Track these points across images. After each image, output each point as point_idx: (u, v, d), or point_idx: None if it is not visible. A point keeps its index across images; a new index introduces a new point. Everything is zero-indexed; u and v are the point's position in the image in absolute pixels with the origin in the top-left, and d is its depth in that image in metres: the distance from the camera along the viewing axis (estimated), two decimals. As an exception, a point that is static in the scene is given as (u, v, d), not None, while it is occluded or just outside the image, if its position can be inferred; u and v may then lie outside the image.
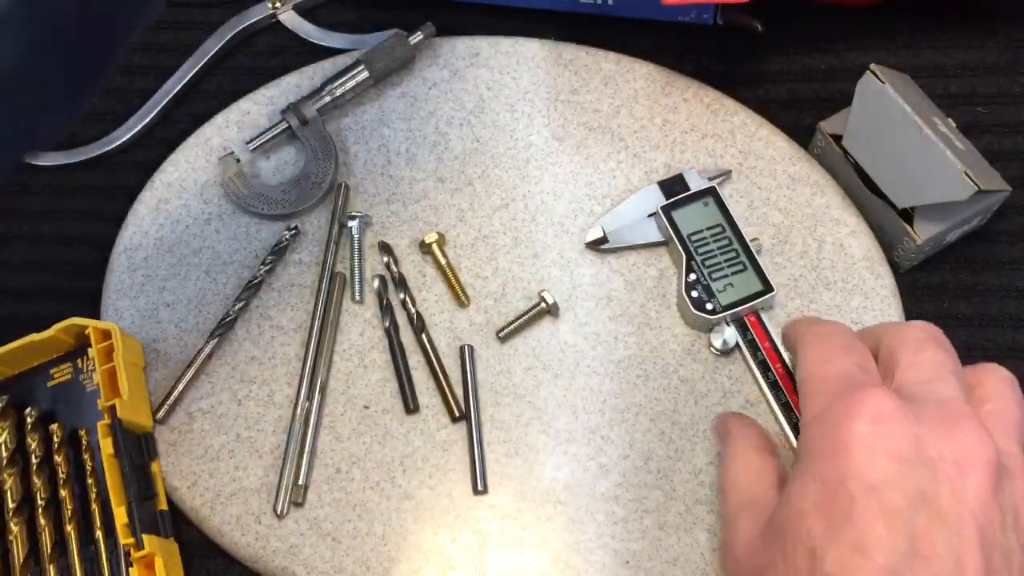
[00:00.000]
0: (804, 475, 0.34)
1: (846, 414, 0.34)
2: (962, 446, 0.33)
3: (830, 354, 0.38)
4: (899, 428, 0.33)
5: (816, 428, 0.35)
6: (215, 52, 0.58)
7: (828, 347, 0.39)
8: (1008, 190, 0.49)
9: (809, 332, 0.40)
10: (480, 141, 0.55)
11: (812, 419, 0.36)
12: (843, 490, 0.32)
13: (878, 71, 0.48)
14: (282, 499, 0.47)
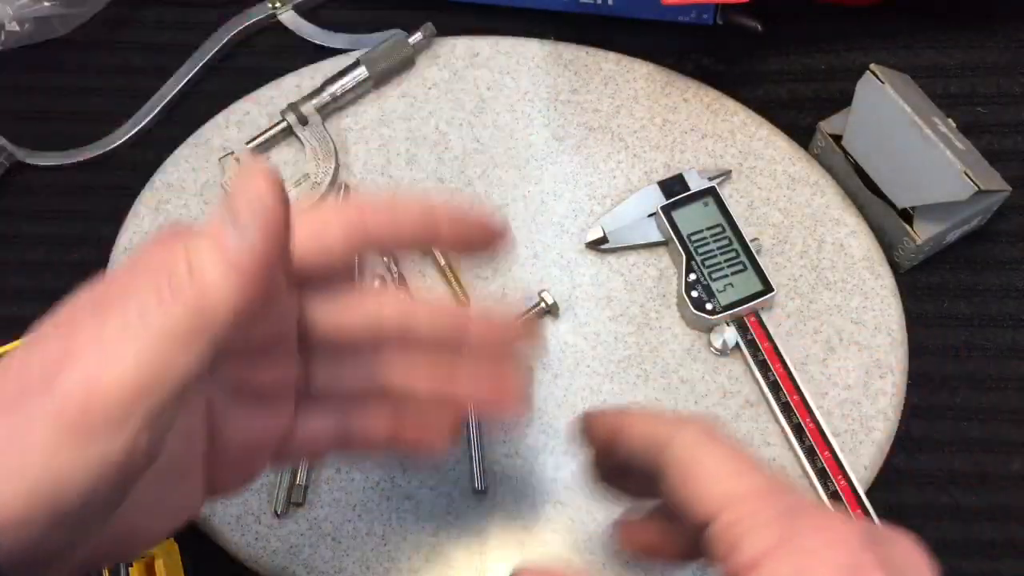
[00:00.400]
0: None
1: (820, 543, 0.28)
2: (918, 561, 0.29)
3: (740, 464, 0.31)
4: (878, 553, 0.28)
5: (782, 565, 0.28)
6: (215, 52, 0.58)
7: (728, 453, 0.31)
8: (1008, 190, 0.49)
9: (686, 434, 0.31)
10: (480, 141, 0.55)
11: (768, 551, 0.28)
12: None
13: (878, 71, 0.48)
14: (282, 499, 0.47)
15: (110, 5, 0.60)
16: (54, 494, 0.24)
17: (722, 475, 0.30)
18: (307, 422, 0.32)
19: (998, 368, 0.50)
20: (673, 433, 0.31)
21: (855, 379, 0.49)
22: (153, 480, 0.26)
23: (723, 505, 0.29)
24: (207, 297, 0.25)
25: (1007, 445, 0.48)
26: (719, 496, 0.30)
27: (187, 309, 0.25)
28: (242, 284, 0.25)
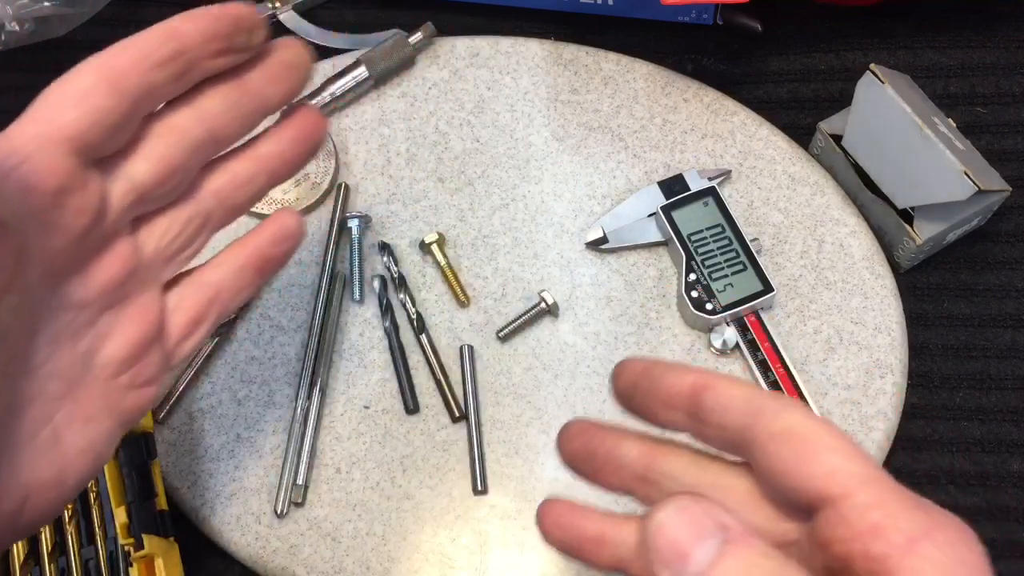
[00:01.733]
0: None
1: (960, 538, 0.28)
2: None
3: (855, 447, 0.28)
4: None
5: (936, 551, 0.27)
6: (215, 52, 0.58)
7: (843, 437, 0.29)
8: (1008, 190, 0.49)
9: (794, 411, 0.29)
10: (480, 141, 0.55)
11: (919, 536, 0.27)
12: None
13: (878, 71, 0.48)
14: (282, 499, 0.47)
15: (110, 5, 0.60)
16: None
17: (846, 454, 0.28)
18: (170, 302, 0.32)
19: (998, 368, 0.50)
20: (776, 405, 0.29)
21: (855, 379, 0.49)
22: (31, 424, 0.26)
23: (853, 486, 0.27)
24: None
25: (1007, 445, 0.48)
26: (847, 475, 0.27)
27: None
28: None
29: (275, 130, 0.35)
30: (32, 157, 0.27)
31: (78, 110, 0.28)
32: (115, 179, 0.29)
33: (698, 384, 0.30)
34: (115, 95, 0.29)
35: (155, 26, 0.30)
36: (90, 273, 0.29)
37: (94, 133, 0.28)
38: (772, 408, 0.29)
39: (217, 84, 0.33)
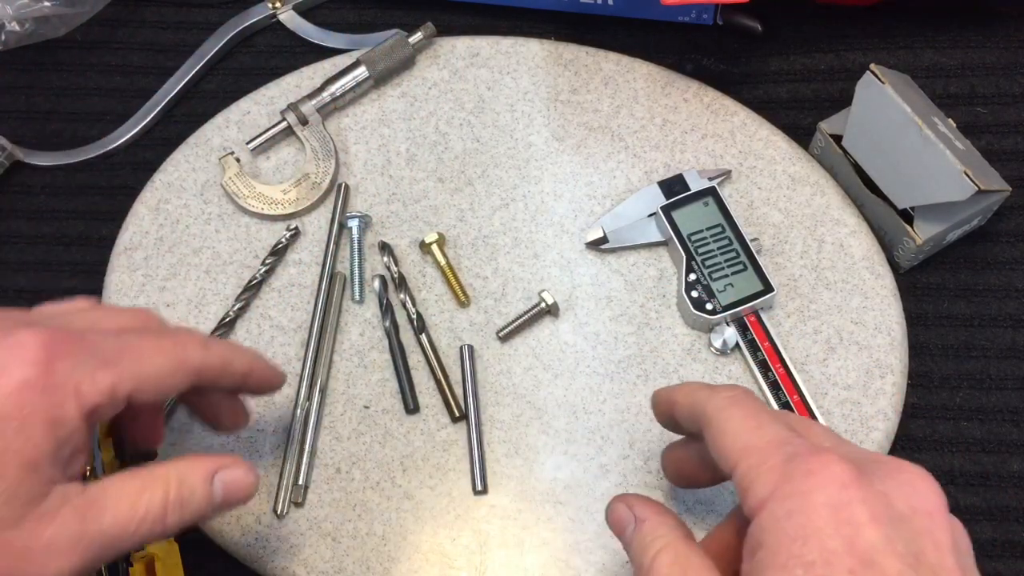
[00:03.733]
0: (781, 560, 0.31)
1: (811, 485, 0.31)
2: (921, 494, 0.32)
3: (757, 419, 0.35)
4: (867, 490, 0.31)
5: (779, 506, 0.31)
6: (215, 52, 0.58)
7: (751, 411, 0.35)
8: (1008, 190, 0.49)
9: (718, 398, 0.36)
10: (480, 141, 0.55)
11: (768, 496, 0.32)
12: (839, 569, 0.30)
13: (878, 71, 0.48)
14: (282, 499, 0.47)
15: (110, 5, 0.60)
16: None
17: (743, 430, 0.34)
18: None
19: (998, 368, 0.50)
20: (708, 398, 0.37)
21: (855, 379, 0.49)
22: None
23: (740, 456, 0.34)
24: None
25: (1007, 445, 0.48)
26: (739, 449, 0.34)
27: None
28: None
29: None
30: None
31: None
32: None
33: (669, 401, 0.40)
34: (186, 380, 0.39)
35: (224, 349, 0.41)
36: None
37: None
38: (703, 401, 0.37)
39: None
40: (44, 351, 0.33)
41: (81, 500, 0.34)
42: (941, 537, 0.31)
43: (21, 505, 0.33)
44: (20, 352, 0.33)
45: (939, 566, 0.31)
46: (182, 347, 0.38)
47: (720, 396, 0.36)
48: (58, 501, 0.33)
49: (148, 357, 0.37)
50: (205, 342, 0.39)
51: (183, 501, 0.36)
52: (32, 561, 0.33)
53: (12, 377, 0.33)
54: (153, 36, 0.60)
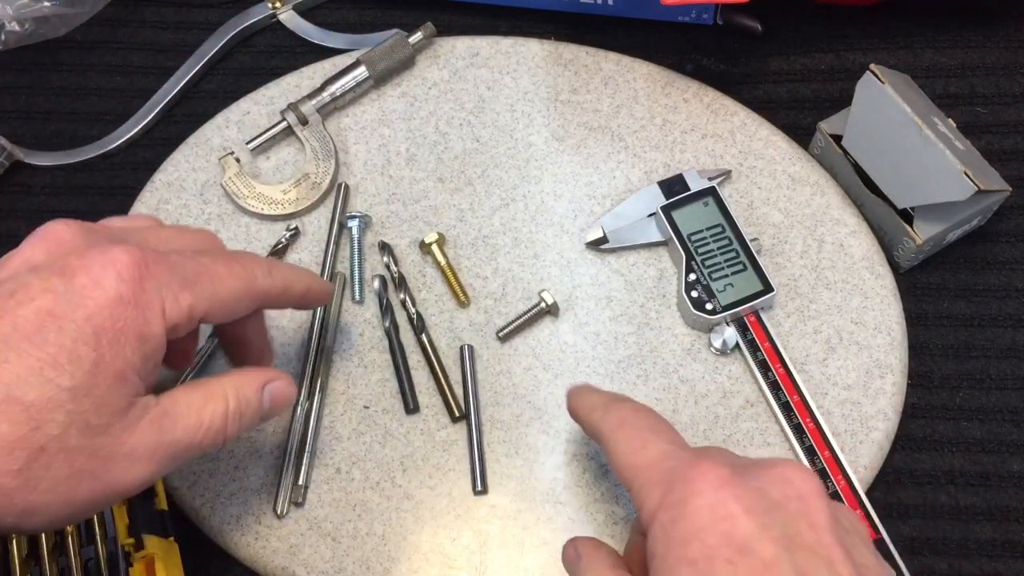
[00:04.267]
0: (670, 563, 0.33)
1: (690, 491, 0.34)
2: (796, 483, 0.34)
3: (642, 439, 0.38)
4: (742, 487, 0.34)
5: (664, 515, 0.34)
6: (215, 52, 0.58)
7: (637, 432, 0.38)
8: (1008, 190, 0.49)
9: (609, 420, 0.40)
10: (480, 141, 0.55)
11: (656, 508, 0.35)
12: (718, 561, 0.32)
13: (878, 71, 0.48)
14: (282, 499, 0.47)
15: (110, 5, 0.60)
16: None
17: (630, 451, 0.38)
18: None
19: (998, 368, 0.50)
20: (601, 419, 0.40)
21: (855, 379, 0.49)
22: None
23: (631, 476, 0.37)
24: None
25: (1007, 445, 0.48)
26: (629, 468, 0.37)
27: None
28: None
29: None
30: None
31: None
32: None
33: (571, 409, 0.43)
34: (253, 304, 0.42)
35: (286, 270, 0.43)
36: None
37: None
38: (597, 424, 0.40)
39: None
40: (136, 269, 0.35)
41: (157, 412, 0.36)
42: (817, 518, 0.33)
43: (109, 414, 0.34)
44: (114, 268, 0.35)
45: (816, 543, 0.33)
46: (251, 272, 0.40)
47: (611, 418, 0.39)
48: (139, 412, 0.36)
49: (222, 281, 0.39)
50: (270, 267, 0.41)
51: (240, 412, 0.39)
52: (115, 466, 0.35)
53: (107, 292, 0.34)
54: (153, 36, 0.60)
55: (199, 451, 0.38)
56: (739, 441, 0.47)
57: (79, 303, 0.34)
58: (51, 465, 0.33)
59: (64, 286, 0.34)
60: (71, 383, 0.33)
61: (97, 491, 0.35)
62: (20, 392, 0.33)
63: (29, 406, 0.33)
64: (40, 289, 0.34)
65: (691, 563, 0.32)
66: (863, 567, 0.33)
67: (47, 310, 0.34)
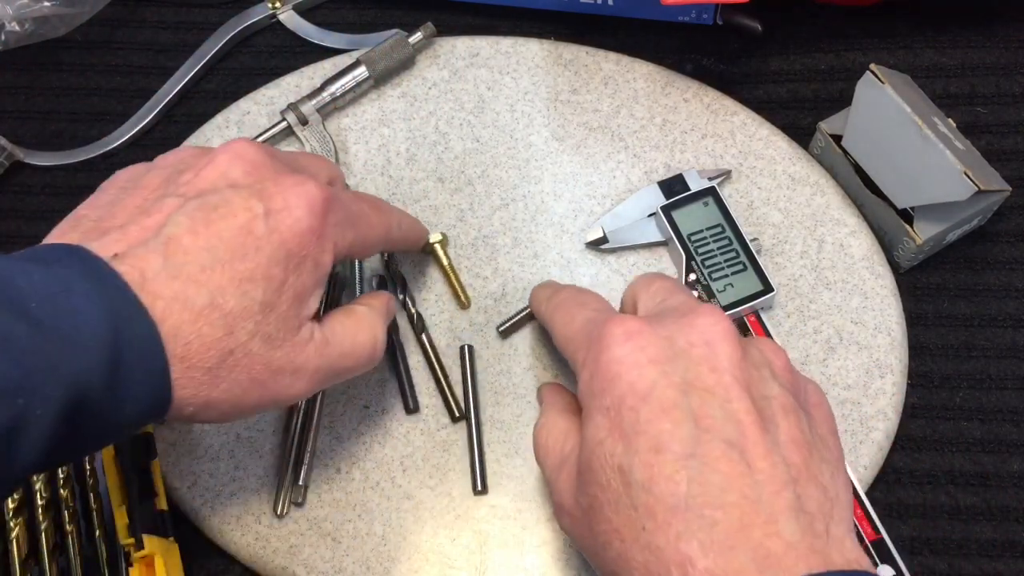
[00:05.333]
0: (591, 413, 0.37)
1: (601, 347, 0.37)
2: (702, 329, 0.37)
3: (570, 314, 0.42)
4: (649, 338, 0.36)
5: (585, 372, 0.38)
6: (215, 52, 0.58)
7: (567, 309, 0.43)
8: (1008, 190, 0.49)
9: (548, 306, 0.45)
10: (480, 141, 0.55)
11: (579, 368, 0.39)
12: (625, 407, 0.35)
13: (878, 71, 0.48)
14: (282, 499, 0.47)
15: (110, 5, 0.60)
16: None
17: (562, 326, 0.42)
18: None
19: (998, 368, 0.50)
20: (542, 307, 0.46)
21: (855, 379, 0.49)
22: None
23: (565, 348, 0.41)
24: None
25: (1007, 445, 0.48)
26: (563, 342, 0.42)
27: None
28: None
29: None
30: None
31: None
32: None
33: (531, 305, 0.48)
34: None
35: (411, 221, 0.49)
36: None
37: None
38: (540, 309, 0.46)
39: None
40: (324, 204, 0.39)
41: (320, 335, 0.40)
42: (719, 361, 0.36)
43: (286, 331, 0.38)
44: (307, 199, 0.38)
45: (715, 385, 0.35)
46: (389, 223, 0.45)
47: (551, 305, 0.45)
48: (308, 334, 0.39)
49: (372, 226, 0.43)
50: (400, 219, 0.47)
51: (381, 341, 0.43)
52: (282, 379, 0.38)
53: (300, 221, 0.38)
54: (153, 36, 0.60)
55: (351, 374, 0.42)
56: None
57: (274, 227, 0.37)
58: (235, 368, 0.36)
59: (262, 208, 0.37)
60: (262, 298, 0.37)
61: (264, 397, 0.38)
62: (222, 299, 0.36)
63: (227, 313, 0.36)
64: (241, 207, 0.37)
65: (604, 412, 0.36)
66: (766, 399, 0.36)
67: (247, 228, 0.37)
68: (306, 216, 0.38)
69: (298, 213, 0.38)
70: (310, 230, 0.38)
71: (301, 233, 0.38)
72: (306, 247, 0.38)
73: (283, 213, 0.38)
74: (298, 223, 0.38)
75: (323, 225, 0.39)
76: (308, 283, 0.38)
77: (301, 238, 0.38)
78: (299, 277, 0.38)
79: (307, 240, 0.38)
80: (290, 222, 0.38)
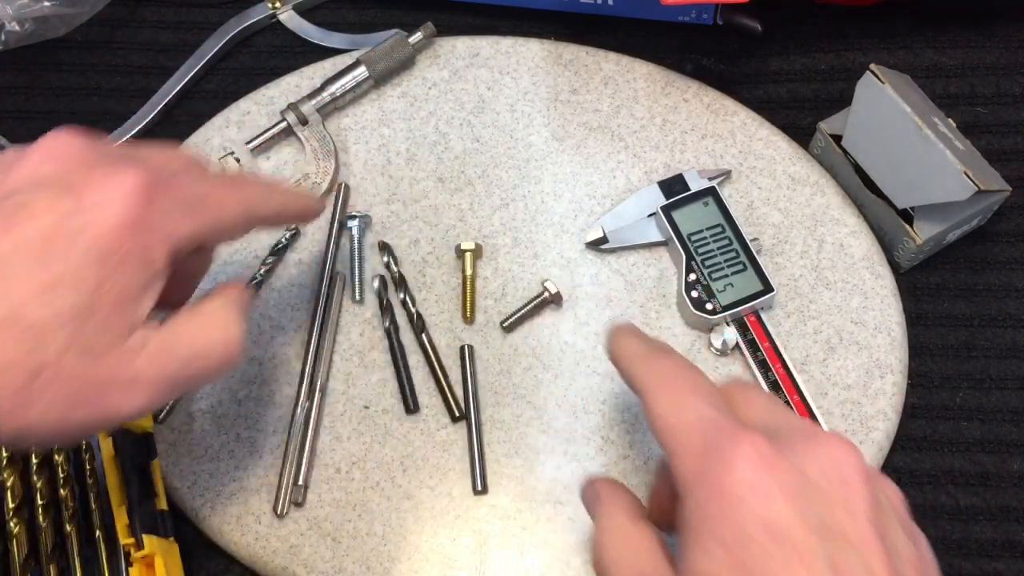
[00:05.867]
0: (702, 540, 0.32)
1: (727, 466, 0.32)
2: (835, 460, 0.33)
3: (680, 400, 0.36)
4: (782, 466, 0.32)
5: (700, 489, 0.33)
6: (215, 52, 0.58)
7: (676, 391, 0.36)
8: (1008, 190, 0.49)
9: (649, 373, 0.37)
10: (480, 141, 0.55)
11: (692, 479, 0.33)
12: (753, 544, 0.31)
13: (878, 71, 0.48)
14: (282, 499, 0.47)
15: (110, 5, 0.60)
16: None
17: (669, 412, 0.35)
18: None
19: (998, 368, 0.50)
20: (640, 370, 0.38)
21: (855, 379, 0.49)
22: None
23: (667, 438, 0.35)
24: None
25: (1007, 445, 0.48)
26: (666, 430, 0.35)
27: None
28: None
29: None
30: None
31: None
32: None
33: (611, 354, 0.41)
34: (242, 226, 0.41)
35: (280, 193, 0.43)
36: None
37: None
38: (633, 376, 0.39)
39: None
40: (145, 192, 0.34)
41: (157, 340, 0.35)
42: (856, 505, 0.32)
43: (110, 339, 0.34)
44: (123, 190, 0.34)
45: (853, 532, 0.31)
46: (250, 197, 0.40)
47: (651, 371, 0.37)
48: (140, 341, 0.35)
49: (225, 206, 0.38)
50: (267, 191, 0.41)
51: (237, 339, 0.38)
52: (113, 394, 0.34)
53: (115, 214, 0.34)
54: (153, 36, 0.60)
55: (206, 380, 0.38)
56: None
57: (86, 224, 0.33)
58: (48, 387, 0.32)
59: (72, 205, 0.33)
60: (73, 305, 0.33)
61: (92, 416, 0.34)
62: (23, 311, 0.32)
63: (31, 326, 0.32)
64: (47, 207, 0.33)
65: (723, 543, 0.31)
66: (897, 554, 0.32)
67: (53, 229, 0.33)
68: (122, 209, 0.34)
69: (114, 207, 0.34)
70: (128, 223, 0.34)
71: (118, 228, 0.34)
72: (126, 243, 0.34)
73: (95, 209, 0.34)
74: (113, 217, 0.34)
75: (147, 215, 0.34)
76: (134, 283, 0.34)
77: (118, 233, 0.34)
78: (121, 278, 0.34)
79: (126, 235, 0.34)
80: (103, 217, 0.34)
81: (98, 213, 0.34)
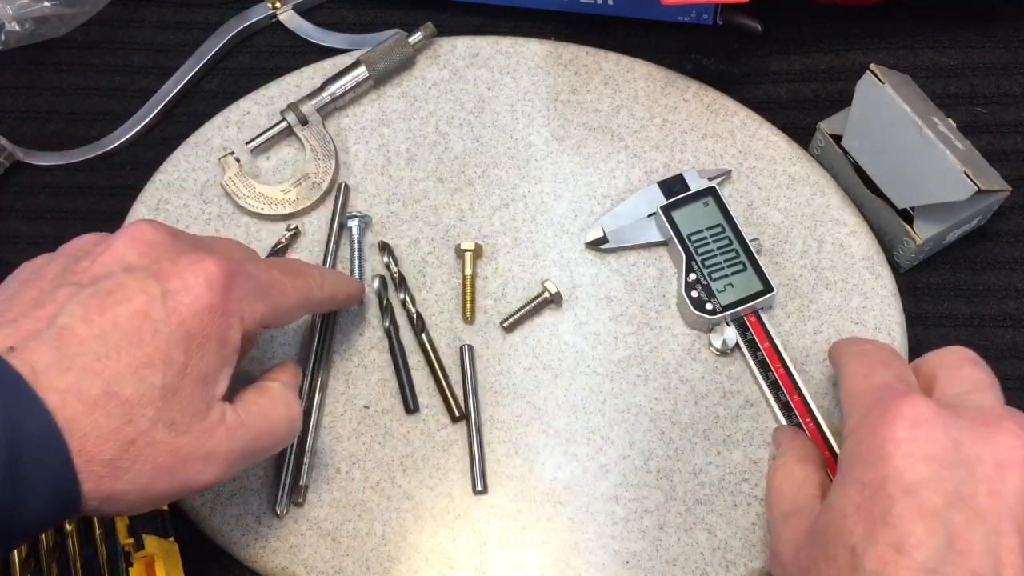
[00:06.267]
0: (845, 481, 0.36)
1: (884, 420, 0.35)
2: (1001, 448, 0.34)
3: (870, 368, 0.40)
4: (937, 432, 0.35)
5: (856, 436, 0.37)
6: (215, 52, 0.58)
7: (869, 362, 0.40)
8: (1008, 190, 0.49)
9: (851, 350, 0.42)
10: (480, 141, 0.55)
11: (853, 428, 0.37)
12: (882, 492, 0.34)
13: (878, 71, 0.48)
14: (282, 499, 0.47)
15: (110, 5, 0.60)
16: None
17: (856, 377, 0.40)
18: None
19: (998, 368, 0.49)
20: (843, 348, 0.43)
21: (855, 379, 0.49)
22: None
23: (848, 399, 0.40)
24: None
25: (1007, 445, 0.48)
26: (849, 393, 0.40)
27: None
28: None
29: None
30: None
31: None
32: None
33: (834, 351, 0.45)
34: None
35: (331, 281, 0.47)
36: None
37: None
38: (836, 357, 0.44)
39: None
40: (224, 279, 0.37)
41: (233, 417, 0.38)
42: (1004, 490, 0.34)
43: (192, 415, 0.36)
44: (205, 277, 0.37)
45: (989, 511, 0.33)
46: (309, 285, 0.44)
47: (853, 348, 0.42)
48: (218, 417, 0.37)
49: (287, 293, 0.42)
50: (322, 278, 0.45)
51: (297, 416, 0.42)
52: (192, 466, 0.37)
53: (199, 299, 0.37)
54: (153, 36, 0.60)
55: (269, 452, 0.41)
56: (739, 441, 0.47)
57: (173, 308, 0.36)
58: (138, 458, 0.35)
59: (159, 290, 0.36)
60: (162, 383, 0.35)
61: (172, 486, 0.36)
62: (118, 387, 0.34)
63: (125, 401, 0.34)
64: (137, 290, 0.36)
65: (860, 487, 0.35)
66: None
67: (144, 312, 0.35)
68: (205, 294, 0.37)
69: (197, 291, 0.37)
70: (211, 308, 0.37)
71: (201, 312, 0.36)
72: (208, 326, 0.37)
73: (181, 293, 0.36)
74: (197, 302, 0.36)
75: (226, 301, 0.37)
76: (213, 363, 0.37)
77: (201, 317, 0.36)
78: (203, 358, 0.36)
79: (208, 319, 0.37)
80: (188, 301, 0.36)
81: (184, 298, 0.36)
